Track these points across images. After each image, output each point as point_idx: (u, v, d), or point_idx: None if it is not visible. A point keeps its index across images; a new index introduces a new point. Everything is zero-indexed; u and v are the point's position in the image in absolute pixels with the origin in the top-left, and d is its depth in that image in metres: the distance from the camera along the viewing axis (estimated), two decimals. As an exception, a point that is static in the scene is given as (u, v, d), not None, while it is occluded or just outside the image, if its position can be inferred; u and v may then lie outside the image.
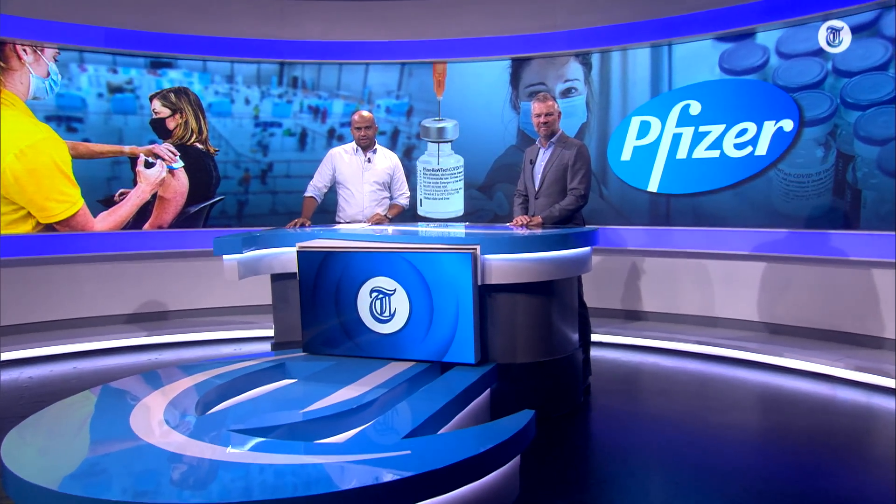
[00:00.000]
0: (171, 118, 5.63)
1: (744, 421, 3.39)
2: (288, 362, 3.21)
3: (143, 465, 2.03)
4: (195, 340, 5.17)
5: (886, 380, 3.80)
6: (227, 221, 5.84)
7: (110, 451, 2.16)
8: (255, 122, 5.90)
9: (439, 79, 5.99)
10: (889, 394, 3.70)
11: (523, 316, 3.26)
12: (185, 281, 5.63)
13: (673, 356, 4.62)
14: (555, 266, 3.24)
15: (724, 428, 3.24)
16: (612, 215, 5.52)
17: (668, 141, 5.25)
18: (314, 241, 3.53)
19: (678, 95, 5.21)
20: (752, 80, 4.86)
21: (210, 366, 3.14)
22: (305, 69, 5.95)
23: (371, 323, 3.29)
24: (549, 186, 3.80)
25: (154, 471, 2.00)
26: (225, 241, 3.45)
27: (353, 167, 4.33)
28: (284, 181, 5.98)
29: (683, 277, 5.23)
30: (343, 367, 3.15)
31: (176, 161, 5.64)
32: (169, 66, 5.62)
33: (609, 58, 5.50)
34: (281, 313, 3.74)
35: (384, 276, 3.24)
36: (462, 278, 3.10)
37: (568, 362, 3.40)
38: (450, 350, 3.15)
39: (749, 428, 3.31)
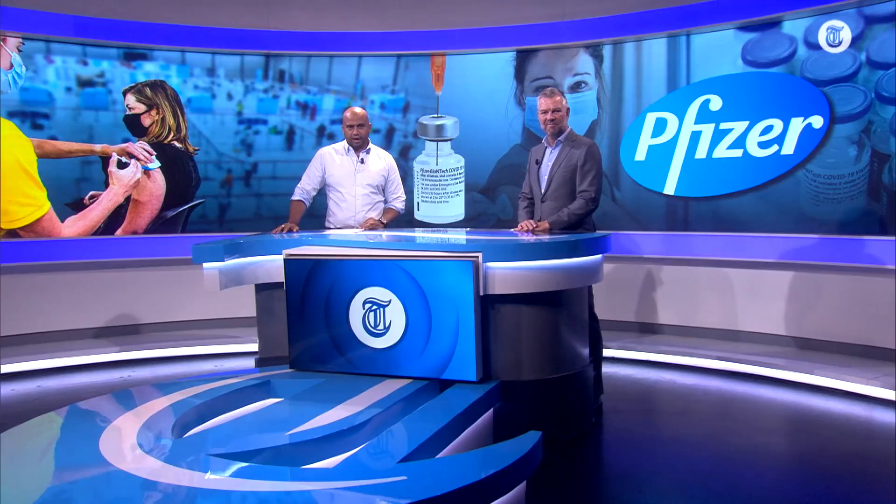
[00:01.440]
0: (146, 114, 5.65)
1: (770, 445, 3.38)
2: (273, 380, 3.21)
3: (114, 494, 2.03)
4: (172, 356, 5.16)
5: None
6: (207, 227, 5.84)
7: (78, 479, 2.15)
8: (239, 119, 5.91)
9: (438, 72, 6.01)
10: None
11: (529, 329, 3.26)
12: (161, 291, 5.63)
13: (692, 373, 4.61)
14: (563, 275, 3.24)
15: (748, 452, 3.23)
16: (625, 220, 5.52)
17: (685, 139, 5.26)
18: (302, 248, 3.53)
19: (697, 90, 5.22)
20: (778, 73, 4.87)
21: (188, 384, 3.14)
22: (293, 62, 5.97)
23: (364, 337, 3.29)
24: (556, 189, 3.80)
25: (126, 499, 2.00)
26: (205, 249, 3.46)
27: (345, 168, 4.34)
28: (270, 183, 5.99)
29: (703, 287, 5.22)
30: (333, 385, 3.15)
31: (151, 161, 5.65)
32: (144, 58, 5.64)
33: (622, 49, 5.52)
34: (266, 326, 3.73)
35: (378, 286, 3.24)
36: (463, 288, 3.11)
37: (578, 380, 3.39)
38: (449, 366, 3.15)
39: (776, 453, 3.30)
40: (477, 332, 3.14)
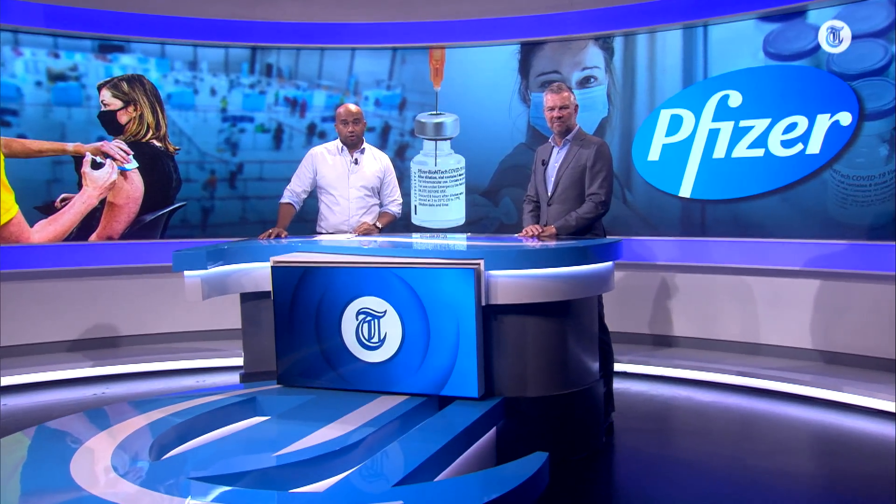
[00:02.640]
0: (122, 111, 5.66)
1: (794, 467, 3.38)
2: (259, 396, 3.21)
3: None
4: (150, 371, 5.16)
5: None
6: (188, 232, 5.84)
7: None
8: (223, 117, 5.93)
9: (437, 66, 6.02)
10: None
11: (535, 342, 3.26)
12: (138, 302, 5.63)
13: (710, 389, 4.61)
14: (571, 284, 3.24)
15: (770, 476, 3.23)
16: (637, 224, 5.53)
17: (703, 138, 5.28)
18: (291, 254, 3.54)
19: (715, 85, 5.24)
20: (803, 67, 4.89)
21: (167, 401, 3.14)
22: (281, 55, 5.98)
23: (357, 350, 3.29)
24: (564, 191, 3.82)
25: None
26: (186, 255, 3.46)
27: (338, 169, 4.35)
28: (257, 185, 6.00)
29: (722, 297, 5.23)
30: (324, 402, 3.15)
31: (129, 161, 5.66)
32: (121, 51, 5.66)
33: (634, 41, 5.54)
34: (252, 339, 3.73)
35: (373, 296, 3.25)
36: (463, 298, 3.11)
37: (587, 396, 3.40)
38: (449, 381, 3.15)
39: (801, 476, 3.30)
40: (479, 344, 3.14)
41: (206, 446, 2.72)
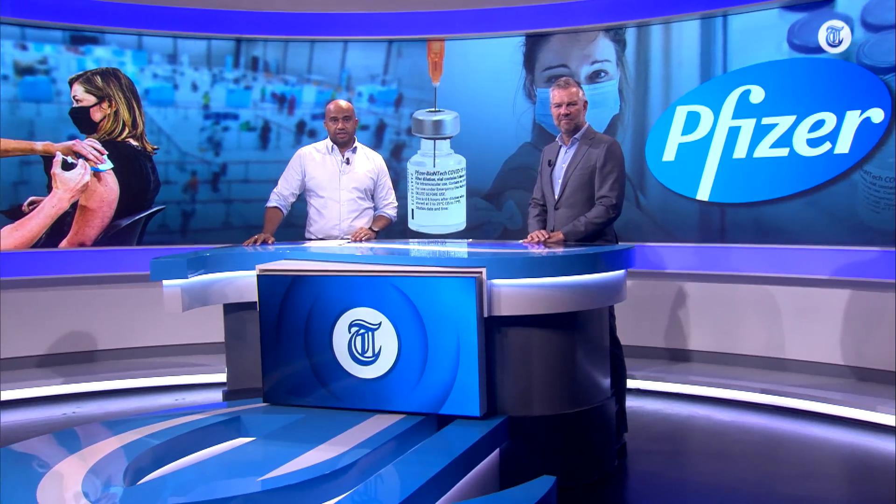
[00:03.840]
0: (96, 107, 5.67)
1: (823, 493, 3.37)
2: (244, 416, 3.22)
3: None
4: (125, 389, 5.16)
5: None
6: (168, 238, 5.85)
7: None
8: (205, 114, 5.94)
9: (436, 60, 6.04)
10: None
11: (541, 356, 3.27)
12: (112, 313, 5.63)
13: (731, 408, 4.61)
14: (580, 294, 3.25)
15: (797, 502, 3.22)
16: (651, 230, 5.54)
17: (722, 136, 5.29)
18: (279, 262, 3.55)
19: (735, 79, 5.26)
20: (831, 59, 4.89)
21: (143, 421, 3.14)
22: (268, 47, 6.00)
23: (350, 365, 3.30)
24: (572, 194, 3.83)
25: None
26: (165, 263, 3.47)
27: (328, 170, 4.36)
28: (241, 187, 6.01)
29: (743, 308, 5.23)
30: (314, 422, 3.15)
31: (102, 162, 5.67)
32: (94, 42, 5.67)
33: (648, 33, 5.56)
34: (236, 353, 3.74)
35: (366, 307, 3.25)
36: (464, 309, 3.12)
37: (597, 415, 3.40)
38: (449, 399, 3.16)
39: (830, 502, 3.29)
40: (480, 359, 3.15)
41: (186, 470, 2.72)
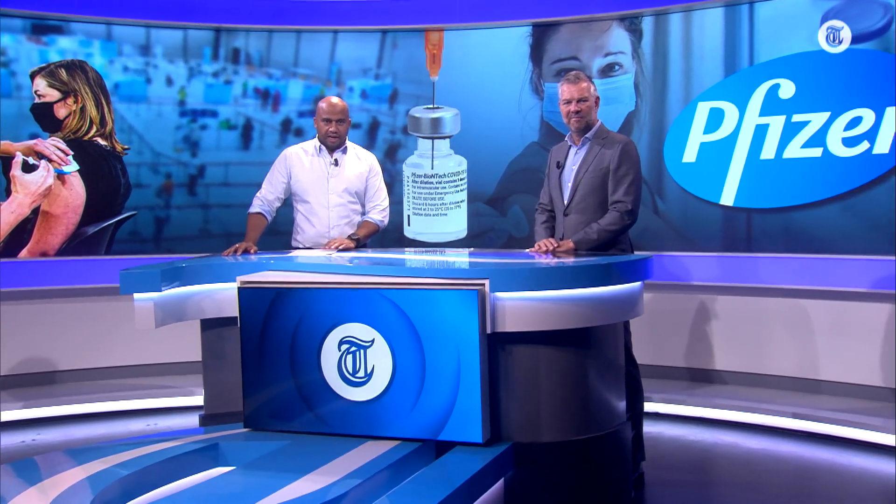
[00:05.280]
0: (60, 103, 5.67)
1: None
2: (223, 443, 3.22)
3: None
4: (91, 413, 5.15)
5: None
6: (139, 247, 5.86)
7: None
8: (181, 110, 5.96)
9: (434, 52, 6.05)
10: None
11: (550, 377, 3.27)
12: (78, 330, 5.63)
13: (760, 434, 4.62)
14: (593, 308, 3.27)
15: (832, 535, 3.23)
16: (671, 238, 5.56)
17: (748, 135, 5.30)
18: (262, 273, 3.56)
19: (763, 73, 5.26)
20: (869, 50, 4.90)
21: (111, 449, 3.13)
22: (251, 38, 6.02)
23: (340, 386, 3.30)
24: (583, 199, 3.85)
25: None
26: (137, 275, 3.48)
27: (316, 172, 4.38)
28: (221, 191, 6.02)
29: (773, 324, 5.23)
30: (300, 449, 3.16)
31: (67, 163, 5.67)
32: (58, 32, 5.68)
33: (666, 21, 5.58)
34: (214, 374, 3.74)
35: (358, 322, 3.26)
36: (465, 325, 3.13)
37: (612, 442, 3.41)
38: (448, 424, 3.16)
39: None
40: (483, 379, 3.15)
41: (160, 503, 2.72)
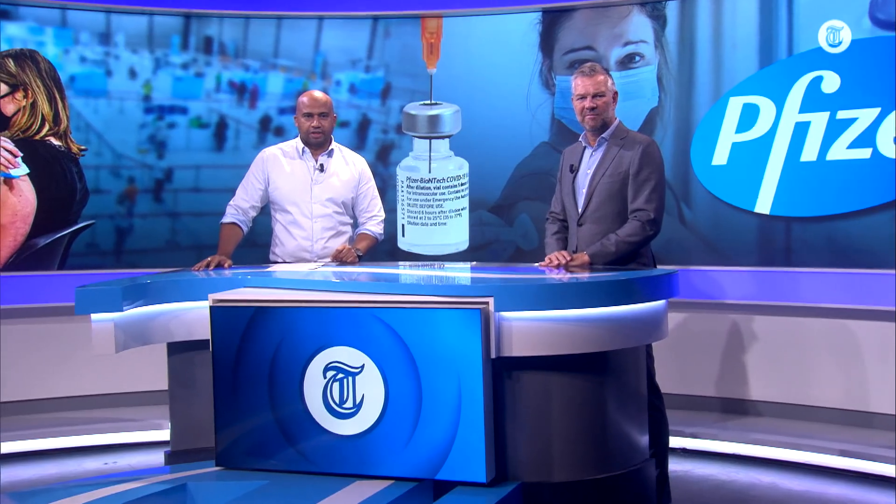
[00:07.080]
0: (8, 98, 5.68)
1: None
2: (191, 483, 3.21)
3: None
4: (40, 451, 5.14)
5: None
6: (98, 260, 5.86)
7: None
8: (146, 107, 5.96)
9: (432, 41, 6.07)
10: None
11: (562, 408, 3.28)
12: (27, 355, 5.62)
13: (803, 473, 4.61)
14: (611, 330, 3.28)
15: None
16: (699, 250, 5.56)
17: (786, 134, 5.30)
18: (237, 291, 3.57)
19: (803, 64, 5.27)
20: (922, 39, 4.95)
21: (64, 492, 3.12)
22: (224, 25, 6.03)
23: (325, 419, 3.31)
24: (599, 207, 3.87)
25: None
26: (95, 293, 3.48)
27: (297, 177, 4.40)
28: (191, 198, 6.03)
29: (816, 348, 5.22)
30: (280, 490, 3.15)
31: (16, 165, 5.68)
32: (5, 17, 5.67)
33: (693, 6, 5.58)
34: (182, 405, 3.75)
35: (346, 346, 3.26)
36: (467, 349, 3.13)
37: (633, 482, 3.41)
38: (448, 461, 3.16)
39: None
40: (487, 411, 3.16)
41: (122, 549, 2.74)
